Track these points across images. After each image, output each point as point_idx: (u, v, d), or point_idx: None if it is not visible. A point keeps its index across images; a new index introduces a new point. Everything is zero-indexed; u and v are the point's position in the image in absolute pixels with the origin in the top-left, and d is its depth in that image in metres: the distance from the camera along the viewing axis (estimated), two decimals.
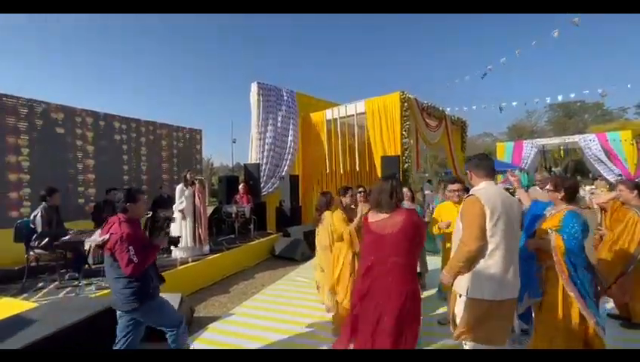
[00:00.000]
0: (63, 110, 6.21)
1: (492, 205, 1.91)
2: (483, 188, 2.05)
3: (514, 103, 10.32)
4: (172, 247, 4.98)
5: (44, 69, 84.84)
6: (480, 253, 1.92)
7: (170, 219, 4.45)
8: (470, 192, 2.07)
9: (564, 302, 2.29)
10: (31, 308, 2.96)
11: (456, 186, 3.30)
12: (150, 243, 2.49)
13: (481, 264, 1.93)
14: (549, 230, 2.37)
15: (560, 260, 2.28)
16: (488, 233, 1.91)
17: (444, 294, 3.51)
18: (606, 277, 3.19)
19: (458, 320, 2.05)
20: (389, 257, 2.11)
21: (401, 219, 2.11)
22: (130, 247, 2.20)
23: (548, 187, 2.56)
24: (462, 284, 2.01)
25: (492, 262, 1.91)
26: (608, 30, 57.25)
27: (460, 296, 2.02)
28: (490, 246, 1.91)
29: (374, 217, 2.26)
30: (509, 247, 1.93)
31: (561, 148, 17.90)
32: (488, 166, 2.12)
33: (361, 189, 3.64)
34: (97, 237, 2.45)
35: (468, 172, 2.21)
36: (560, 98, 10.06)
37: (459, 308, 2.05)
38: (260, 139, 8.65)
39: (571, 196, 2.44)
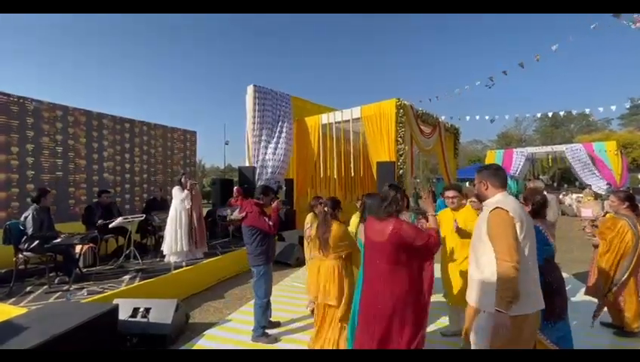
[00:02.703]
0: (55, 109, 6.06)
1: (520, 217, 1.85)
2: (504, 200, 1.93)
3: (506, 116, 10.63)
4: (165, 252, 4.89)
5: (36, 68, 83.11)
6: (517, 266, 1.76)
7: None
8: (495, 205, 1.92)
9: None
10: (20, 314, 2.85)
11: (451, 193, 3.32)
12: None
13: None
14: None
15: None
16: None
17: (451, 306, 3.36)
18: (602, 285, 3.28)
19: (475, 337, 1.94)
20: (379, 264, 2.18)
21: (389, 229, 2.13)
22: (265, 218, 3.28)
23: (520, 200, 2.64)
24: (484, 301, 1.88)
25: (524, 277, 1.80)
26: (592, 43, 59.06)
27: (484, 312, 1.89)
28: (522, 261, 1.82)
29: (371, 223, 2.31)
30: (534, 258, 1.91)
31: (550, 156, 18.32)
32: (504, 177, 2.05)
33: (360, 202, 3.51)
34: (237, 213, 3.58)
35: (483, 181, 2.05)
36: (550, 115, 10.41)
37: (478, 324, 1.93)
38: (255, 142, 8.60)
39: (537, 211, 2.50)
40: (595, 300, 3.38)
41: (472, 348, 1.98)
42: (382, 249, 2.17)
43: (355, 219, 3.59)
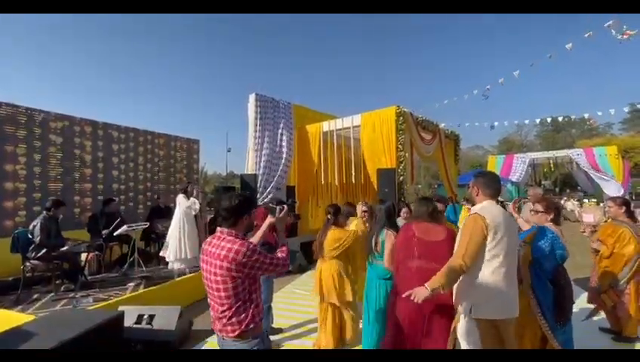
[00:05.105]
0: (62, 119, 6.19)
1: (496, 224, 1.93)
2: (486, 207, 2.04)
3: (505, 123, 10.72)
4: (170, 259, 4.96)
5: (41, 77, 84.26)
6: (467, 270, 1.93)
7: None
8: (473, 210, 2.07)
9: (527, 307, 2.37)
10: (29, 321, 2.92)
11: (440, 207, 3.30)
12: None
13: (485, 283, 1.93)
14: (521, 243, 2.50)
15: (525, 270, 2.43)
16: (492, 251, 1.92)
17: None
18: (599, 287, 3.31)
19: (462, 341, 2.05)
20: (430, 264, 2.25)
21: (446, 230, 2.37)
22: (274, 234, 3.17)
23: (538, 208, 2.63)
24: (464, 305, 2.01)
25: (495, 281, 1.91)
26: (592, 48, 59.25)
27: (464, 317, 2.03)
28: (493, 265, 1.93)
29: (421, 225, 2.45)
30: (511, 266, 1.96)
31: (551, 162, 18.26)
32: (497, 188, 2.12)
33: (365, 208, 3.70)
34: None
35: (476, 187, 2.14)
36: (549, 120, 10.51)
37: (462, 329, 2.06)
38: (256, 150, 8.70)
39: (556, 218, 2.57)
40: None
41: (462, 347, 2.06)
42: (437, 249, 2.29)
43: (356, 221, 3.69)
